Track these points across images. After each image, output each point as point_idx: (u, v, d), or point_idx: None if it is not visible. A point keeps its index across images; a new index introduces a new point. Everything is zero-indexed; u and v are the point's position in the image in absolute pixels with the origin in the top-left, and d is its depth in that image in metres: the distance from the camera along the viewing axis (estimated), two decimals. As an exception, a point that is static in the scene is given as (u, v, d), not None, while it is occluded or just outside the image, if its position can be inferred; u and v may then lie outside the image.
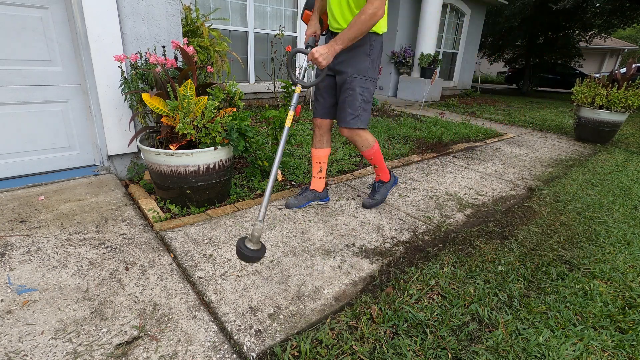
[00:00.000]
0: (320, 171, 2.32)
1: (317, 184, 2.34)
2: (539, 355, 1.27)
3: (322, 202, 2.41)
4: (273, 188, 2.56)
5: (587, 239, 2.17)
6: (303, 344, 1.23)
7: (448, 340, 1.31)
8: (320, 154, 2.29)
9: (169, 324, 1.28)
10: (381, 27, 1.96)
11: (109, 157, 2.58)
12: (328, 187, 2.60)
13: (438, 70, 8.09)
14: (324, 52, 1.79)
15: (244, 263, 1.67)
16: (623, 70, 6.62)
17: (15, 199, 2.13)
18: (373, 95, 2.16)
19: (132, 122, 2.52)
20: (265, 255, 1.76)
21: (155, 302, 1.39)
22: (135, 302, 1.38)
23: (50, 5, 2.26)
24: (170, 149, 1.95)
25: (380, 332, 1.32)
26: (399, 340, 1.29)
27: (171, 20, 2.55)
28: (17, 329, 1.21)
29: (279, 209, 2.27)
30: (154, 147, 2.14)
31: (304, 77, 2.19)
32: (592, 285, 1.70)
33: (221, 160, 2.13)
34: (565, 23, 12.93)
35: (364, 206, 2.39)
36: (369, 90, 2.05)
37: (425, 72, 7.95)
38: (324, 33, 2.25)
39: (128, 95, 2.28)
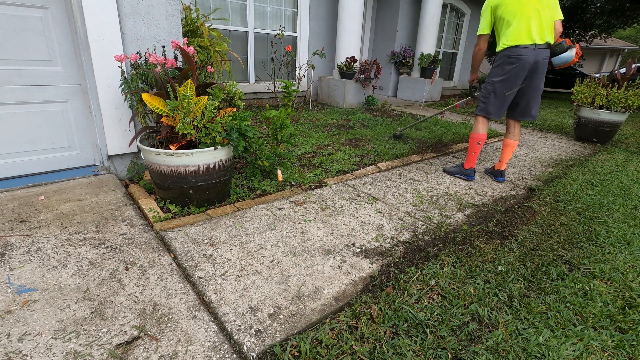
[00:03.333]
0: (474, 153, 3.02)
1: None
2: (539, 355, 1.27)
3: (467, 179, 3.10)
4: (273, 188, 2.57)
5: (587, 239, 2.17)
6: (303, 344, 1.23)
7: (448, 340, 1.31)
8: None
9: (169, 324, 1.28)
10: (500, 44, 2.77)
11: (109, 157, 2.58)
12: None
13: (438, 70, 8.09)
14: None
15: (244, 263, 1.67)
16: (623, 70, 6.61)
17: (15, 199, 2.13)
18: (491, 92, 2.84)
19: (132, 122, 2.52)
20: (265, 255, 1.76)
21: (155, 302, 1.39)
22: (135, 302, 1.38)
23: (50, 5, 2.26)
24: (170, 149, 1.95)
25: (380, 332, 1.32)
26: (399, 340, 1.29)
27: (171, 20, 2.55)
28: (17, 329, 1.21)
29: (279, 209, 2.27)
30: (154, 147, 2.14)
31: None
32: (592, 285, 1.70)
33: (221, 160, 2.13)
34: (565, 23, 12.92)
35: (444, 170, 3.25)
36: (485, 88, 2.90)
37: (425, 72, 7.94)
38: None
39: (128, 95, 2.28)
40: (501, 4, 2.65)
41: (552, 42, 2.66)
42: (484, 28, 2.81)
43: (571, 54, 2.65)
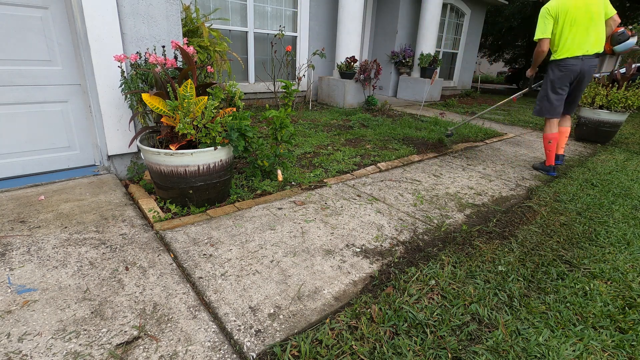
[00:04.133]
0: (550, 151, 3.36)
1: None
2: (539, 355, 1.27)
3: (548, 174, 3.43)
4: (273, 188, 2.57)
5: (587, 239, 2.17)
6: (303, 344, 1.23)
7: (448, 340, 1.31)
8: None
9: (169, 324, 1.28)
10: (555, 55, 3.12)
11: (109, 157, 2.58)
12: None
13: (438, 70, 8.09)
14: None
15: (244, 263, 1.67)
16: (623, 70, 6.61)
17: (15, 199, 2.13)
18: (545, 95, 3.26)
19: (132, 122, 2.52)
20: (265, 255, 1.76)
21: (155, 302, 1.39)
22: (135, 302, 1.38)
23: (50, 5, 2.26)
24: (170, 149, 1.95)
25: (380, 332, 1.32)
26: (399, 340, 1.29)
27: (171, 20, 2.55)
28: (17, 329, 1.21)
29: (279, 209, 2.27)
30: (154, 147, 2.14)
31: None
32: (592, 285, 1.70)
33: (221, 160, 2.13)
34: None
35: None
36: (542, 89, 3.32)
37: (425, 72, 7.95)
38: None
39: (128, 95, 2.28)
40: (561, 12, 2.93)
41: (600, 52, 3.05)
42: (544, 32, 3.05)
43: (633, 41, 3.08)
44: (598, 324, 1.46)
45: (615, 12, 2.97)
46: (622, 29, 3.07)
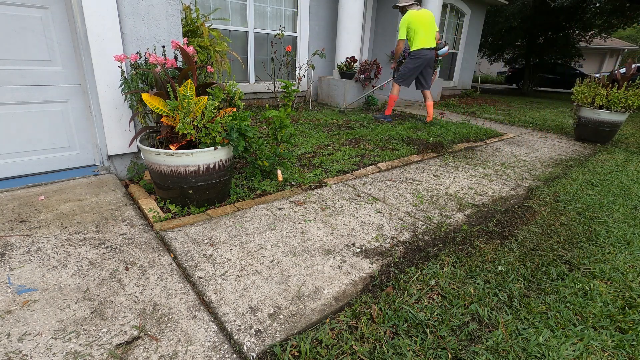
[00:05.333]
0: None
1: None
2: (539, 355, 1.27)
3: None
4: (273, 188, 2.57)
5: (587, 239, 2.17)
6: (303, 344, 1.23)
7: (448, 340, 1.31)
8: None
9: (169, 324, 1.28)
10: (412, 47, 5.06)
11: (109, 157, 2.58)
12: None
13: (438, 70, 8.09)
14: None
15: (244, 263, 1.67)
16: (623, 70, 6.61)
17: (15, 199, 2.13)
18: (407, 72, 5.09)
19: (132, 122, 2.52)
20: (265, 255, 1.76)
21: (155, 302, 1.39)
22: (135, 302, 1.38)
23: (50, 5, 2.26)
24: (170, 149, 1.95)
25: (380, 332, 1.32)
26: (399, 340, 1.29)
27: (171, 20, 2.55)
28: (17, 329, 1.21)
29: (279, 209, 2.27)
30: (154, 147, 2.14)
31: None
32: (592, 285, 1.70)
33: (221, 160, 2.13)
34: (565, 23, 12.93)
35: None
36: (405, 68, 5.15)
37: (425, 72, 7.94)
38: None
39: (128, 95, 2.28)
40: (411, 21, 4.82)
41: (434, 47, 5.04)
42: (401, 35, 4.90)
43: (446, 48, 5.36)
44: (598, 324, 1.46)
45: (437, 29, 5.09)
46: (440, 41, 5.30)
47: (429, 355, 1.24)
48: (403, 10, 5.04)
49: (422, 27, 4.83)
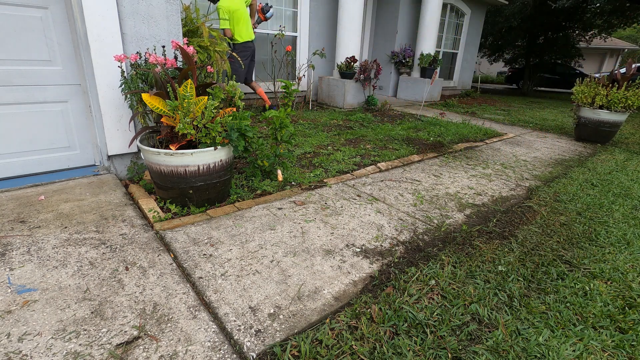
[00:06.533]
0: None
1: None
2: (539, 355, 1.27)
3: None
4: (273, 188, 2.57)
5: (587, 239, 2.17)
6: (303, 344, 1.23)
7: (448, 340, 1.31)
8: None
9: (169, 324, 1.28)
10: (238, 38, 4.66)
11: (109, 157, 2.58)
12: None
13: (438, 70, 8.09)
14: None
15: (244, 263, 1.67)
16: (623, 70, 6.61)
17: (15, 199, 2.13)
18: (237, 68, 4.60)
19: (132, 122, 2.52)
20: (265, 255, 1.76)
21: (155, 302, 1.39)
22: (135, 302, 1.38)
23: (50, 5, 2.26)
24: (170, 149, 1.95)
25: (380, 332, 1.32)
26: (399, 340, 1.29)
27: (171, 20, 2.55)
28: (17, 329, 1.21)
29: (279, 209, 2.27)
30: (154, 147, 2.14)
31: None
32: (592, 285, 1.70)
33: (221, 160, 2.13)
34: (565, 23, 12.92)
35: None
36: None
37: (426, 72, 7.94)
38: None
39: (128, 95, 2.28)
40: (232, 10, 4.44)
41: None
42: (224, 23, 4.49)
43: (272, 11, 5.04)
44: (598, 324, 1.46)
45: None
46: (263, 4, 4.92)
47: (429, 355, 1.24)
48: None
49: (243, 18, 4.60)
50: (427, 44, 7.87)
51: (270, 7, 4.91)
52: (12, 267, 1.53)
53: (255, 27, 4.88)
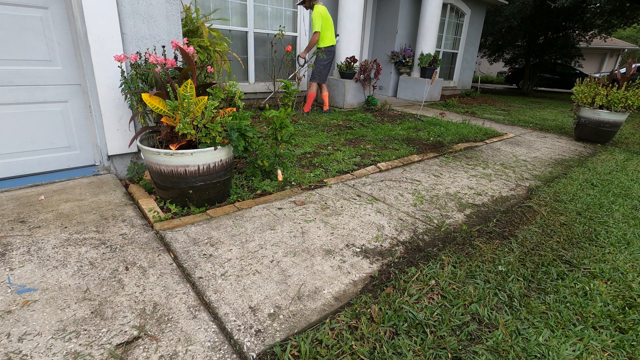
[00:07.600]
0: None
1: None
2: (539, 355, 1.27)
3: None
4: (273, 188, 2.57)
5: (587, 239, 2.17)
6: (303, 344, 1.23)
7: (448, 340, 1.31)
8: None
9: (169, 324, 1.28)
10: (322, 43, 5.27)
11: (109, 157, 2.58)
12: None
13: (438, 70, 8.09)
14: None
15: (244, 263, 1.67)
16: (623, 70, 6.60)
17: (15, 199, 2.13)
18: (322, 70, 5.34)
19: (132, 122, 2.52)
20: (265, 255, 1.76)
21: (155, 302, 1.39)
22: (135, 302, 1.38)
23: (50, 5, 2.26)
24: (170, 149, 1.95)
25: (380, 332, 1.32)
26: (399, 340, 1.29)
27: (171, 20, 2.55)
28: (17, 329, 1.21)
29: (279, 209, 2.27)
30: (154, 147, 2.14)
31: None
32: (592, 285, 1.70)
33: (221, 160, 2.13)
34: (565, 23, 12.91)
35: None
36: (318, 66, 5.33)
37: (426, 72, 7.94)
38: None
39: (128, 95, 2.28)
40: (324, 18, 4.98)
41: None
42: (316, 27, 4.99)
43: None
44: (598, 324, 1.46)
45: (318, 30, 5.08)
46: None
47: (429, 355, 1.24)
48: (310, 5, 5.11)
49: (328, 24, 5.09)
50: (427, 44, 7.87)
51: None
52: (12, 267, 1.53)
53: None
